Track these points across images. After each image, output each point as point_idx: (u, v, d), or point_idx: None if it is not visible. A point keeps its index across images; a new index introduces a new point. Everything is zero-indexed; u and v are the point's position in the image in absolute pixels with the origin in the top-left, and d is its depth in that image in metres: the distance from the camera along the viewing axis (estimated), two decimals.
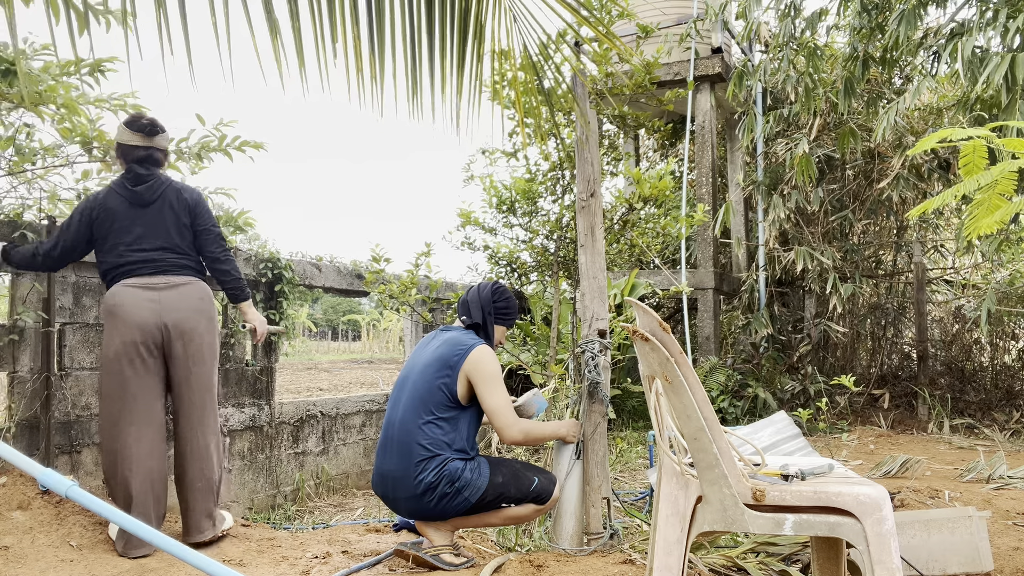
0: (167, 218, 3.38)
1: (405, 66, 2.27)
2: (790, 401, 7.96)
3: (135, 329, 3.22)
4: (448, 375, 3.04)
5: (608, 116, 4.66)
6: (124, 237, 3.33)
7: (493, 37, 2.44)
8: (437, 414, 3.02)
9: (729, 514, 2.02)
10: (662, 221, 4.95)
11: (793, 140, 7.77)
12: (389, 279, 5.02)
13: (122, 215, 3.34)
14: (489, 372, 3.05)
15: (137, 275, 3.30)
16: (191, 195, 3.48)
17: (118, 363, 3.22)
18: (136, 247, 3.32)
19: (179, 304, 3.31)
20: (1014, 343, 8.67)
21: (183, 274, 3.38)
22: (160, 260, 3.33)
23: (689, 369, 1.99)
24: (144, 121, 3.40)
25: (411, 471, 2.97)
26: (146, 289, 3.27)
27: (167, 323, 3.27)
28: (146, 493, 3.22)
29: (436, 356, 3.11)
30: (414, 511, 3.07)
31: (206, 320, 3.39)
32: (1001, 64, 4.35)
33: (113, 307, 3.26)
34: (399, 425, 3.05)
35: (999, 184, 2.01)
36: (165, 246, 3.36)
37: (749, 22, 7.16)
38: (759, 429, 4.18)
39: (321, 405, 5.71)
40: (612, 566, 2.85)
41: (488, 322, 3.27)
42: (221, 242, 3.53)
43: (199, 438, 3.37)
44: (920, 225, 8.98)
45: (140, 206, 3.37)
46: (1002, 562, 3.06)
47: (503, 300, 3.32)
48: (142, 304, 3.24)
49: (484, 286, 3.36)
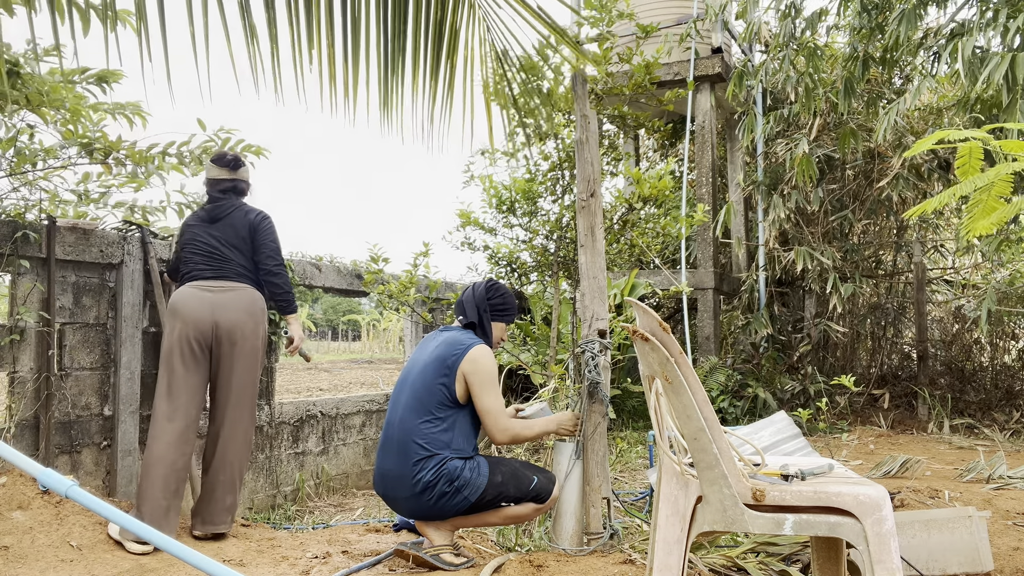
0: (231, 232, 3.76)
1: (379, 73, 2.28)
2: (790, 401, 7.96)
3: (189, 324, 3.54)
4: (446, 375, 3.04)
5: (608, 116, 4.66)
6: (195, 248, 3.73)
7: (467, 45, 2.46)
8: (436, 414, 3.02)
9: (729, 514, 2.02)
10: (662, 221, 4.95)
11: (793, 140, 7.77)
12: (388, 279, 5.02)
13: (197, 230, 3.77)
14: (484, 373, 3.05)
15: (199, 279, 3.66)
16: (255, 215, 3.83)
17: (171, 356, 3.54)
18: (202, 254, 3.71)
19: (231, 305, 3.62)
20: (1014, 343, 8.67)
21: (239, 281, 3.70)
22: (220, 267, 3.69)
23: (689, 369, 1.99)
24: (229, 157, 3.81)
25: (409, 470, 2.97)
26: (204, 291, 3.62)
27: (218, 321, 3.57)
28: (156, 482, 3.37)
29: (435, 356, 3.11)
30: (414, 510, 3.07)
31: (253, 324, 3.67)
32: (1001, 64, 4.35)
33: (174, 304, 3.61)
34: (398, 424, 3.06)
35: (996, 186, 2.01)
36: (227, 255, 3.72)
37: (749, 22, 7.15)
38: (759, 429, 4.18)
39: (321, 405, 5.71)
40: (612, 566, 2.85)
41: (485, 320, 3.27)
42: (277, 257, 3.83)
43: (232, 433, 3.62)
44: (920, 225, 8.98)
45: (210, 222, 3.78)
46: (1002, 562, 3.06)
47: (498, 296, 3.31)
48: (198, 303, 3.57)
49: (479, 284, 3.36)
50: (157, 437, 3.46)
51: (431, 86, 2.43)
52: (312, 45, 2.11)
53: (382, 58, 2.27)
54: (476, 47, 2.50)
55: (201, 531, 3.51)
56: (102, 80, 3.80)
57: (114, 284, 4.18)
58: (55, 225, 3.84)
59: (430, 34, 2.34)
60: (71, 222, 3.91)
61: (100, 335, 4.12)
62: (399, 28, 2.26)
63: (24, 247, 3.75)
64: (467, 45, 2.49)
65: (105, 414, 4.11)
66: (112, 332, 4.17)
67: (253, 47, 1.95)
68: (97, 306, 4.10)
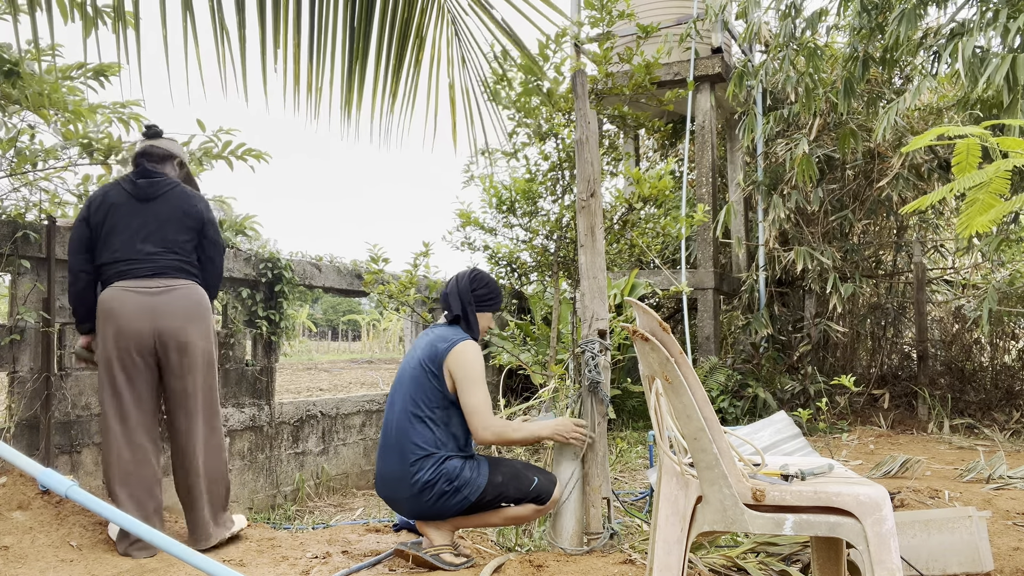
0: (170, 214, 3.26)
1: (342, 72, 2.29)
2: (790, 401, 7.96)
3: (128, 336, 3.13)
4: (435, 373, 3.03)
5: (608, 116, 4.66)
6: (122, 233, 3.20)
7: (434, 45, 2.47)
8: (430, 413, 3.01)
9: (729, 514, 2.02)
10: (662, 221, 4.95)
11: (793, 140, 7.77)
12: (388, 279, 5.02)
13: (125, 211, 3.22)
14: (469, 369, 3.01)
15: (132, 276, 3.18)
16: (203, 204, 3.40)
17: (111, 368, 3.15)
18: (133, 244, 3.20)
19: (173, 310, 3.19)
20: (1014, 343, 8.67)
21: (179, 277, 3.25)
22: (157, 260, 3.21)
23: (689, 369, 1.99)
24: (147, 125, 3.47)
25: (408, 471, 2.97)
26: (140, 293, 3.16)
27: (160, 330, 3.16)
28: (130, 498, 3.15)
29: (423, 355, 3.09)
30: (415, 511, 3.07)
31: (202, 327, 3.27)
32: (1002, 65, 4.35)
33: (107, 311, 3.16)
34: (395, 425, 3.05)
35: (993, 183, 2.00)
36: (166, 245, 3.23)
37: (749, 22, 7.15)
38: (759, 429, 4.18)
39: (321, 405, 5.71)
40: (612, 566, 2.85)
41: (469, 312, 3.19)
42: (223, 253, 3.49)
43: (194, 446, 3.28)
44: (920, 225, 8.98)
45: (142, 201, 3.25)
46: (1002, 562, 3.06)
47: (483, 287, 3.24)
48: (136, 310, 3.14)
49: (462, 275, 3.27)
50: (118, 450, 3.14)
51: (392, 85, 2.44)
52: (278, 45, 2.11)
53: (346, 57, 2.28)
54: (444, 48, 2.51)
55: (195, 548, 3.37)
56: (100, 74, 3.78)
57: None
58: (55, 225, 3.84)
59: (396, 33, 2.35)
60: (71, 222, 3.91)
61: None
62: (363, 29, 2.27)
63: (24, 247, 3.75)
64: (435, 45, 2.50)
65: None
66: None
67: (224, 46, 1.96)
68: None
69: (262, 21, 2.04)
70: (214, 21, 1.95)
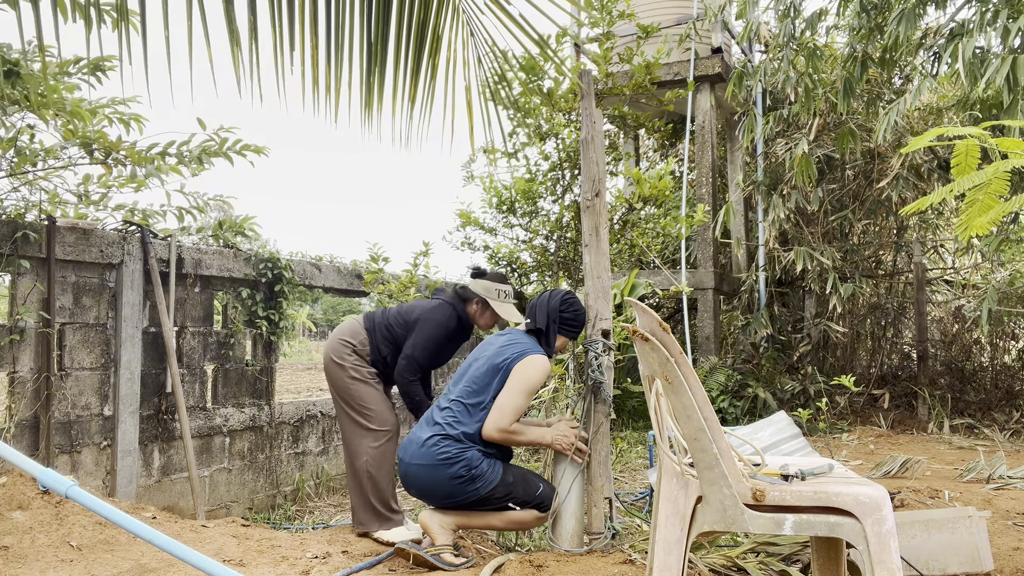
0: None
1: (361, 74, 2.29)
2: (790, 401, 7.96)
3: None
4: (500, 374, 3.13)
5: (608, 116, 4.66)
6: None
7: (450, 46, 2.47)
8: (479, 407, 3.10)
9: (729, 514, 2.02)
10: (662, 221, 4.95)
11: (793, 140, 7.77)
12: (388, 279, 5.02)
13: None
14: (525, 379, 3.10)
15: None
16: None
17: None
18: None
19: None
20: (1014, 343, 8.67)
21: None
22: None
23: (689, 369, 1.99)
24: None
25: (437, 443, 3.05)
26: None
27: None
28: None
29: (495, 353, 3.18)
30: (424, 485, 3.08)
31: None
32: (1002, 66, 4.36)
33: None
34: (444, 403, 3.18)
35: (992, 184, 2.00)
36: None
37: (749, 22, 7.15)
38: (759, 429, 4.18)
39: (321, 405, 5.71)
40: (612, 566, 2.85)
41: (551, 330, 3.29)
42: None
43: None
44: (920, 225, 8.98)
45: None
46: (1002, 562, 3.06)
47: (570, 311, 3.32)
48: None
49: (555, 293, 3.37)
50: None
51: (412, 87, 2.44)
52: (294, 47, 2.11)
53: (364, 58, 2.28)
54: (459, 49, 2.51)
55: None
56: (96, 69, 3.79)
57: (114, 284, 4.18)
58: (55, 225, 3.84)
59: (412, 36, 2.36)
60: (71, 222, 3.91)
61: (100, 335, 4.12)
62: (382, 31, 2.27)
63: (24, 247, 3.75)
64: (450, 46, 2.50)
65: (105, 414, 4.11)
66: (112, 332, 4.17)
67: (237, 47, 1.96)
68: (97, 306, 4.10)
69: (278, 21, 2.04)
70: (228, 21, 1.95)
